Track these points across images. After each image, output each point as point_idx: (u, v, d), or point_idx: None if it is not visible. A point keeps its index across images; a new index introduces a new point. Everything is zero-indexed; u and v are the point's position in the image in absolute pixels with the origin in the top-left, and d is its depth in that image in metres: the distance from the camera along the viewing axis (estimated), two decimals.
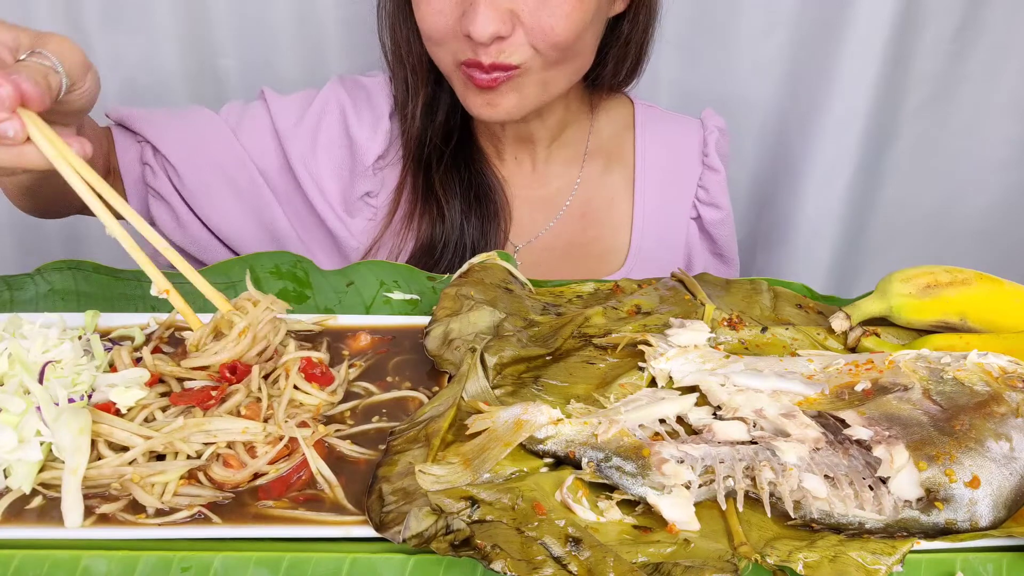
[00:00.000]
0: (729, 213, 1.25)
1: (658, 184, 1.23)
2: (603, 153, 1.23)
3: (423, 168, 1.14)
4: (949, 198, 1.70)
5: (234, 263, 0.91)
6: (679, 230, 1.24)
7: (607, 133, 1.24)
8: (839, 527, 0.61)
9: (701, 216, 1.24)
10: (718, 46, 1.55)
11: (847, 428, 0.66)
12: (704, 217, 1.23)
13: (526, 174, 1.21)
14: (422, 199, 1.14)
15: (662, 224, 1.23)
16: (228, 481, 0.65)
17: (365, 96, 1.16)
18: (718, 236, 1.25)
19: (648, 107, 1.27)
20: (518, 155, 1.20)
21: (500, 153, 1.20)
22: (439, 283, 0.89)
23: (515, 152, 1.20)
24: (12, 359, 0.71)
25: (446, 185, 1.13)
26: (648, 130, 1.24)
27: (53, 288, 0.87)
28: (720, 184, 1.24)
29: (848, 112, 1.54)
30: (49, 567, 0.60)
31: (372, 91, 1.16)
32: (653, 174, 1.23)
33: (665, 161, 1.24)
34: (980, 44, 1.54)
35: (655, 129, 1.25)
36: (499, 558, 0.56)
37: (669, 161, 1.24)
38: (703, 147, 1.24)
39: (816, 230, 1.67)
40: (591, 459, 0.65)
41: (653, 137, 1.24)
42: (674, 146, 1.24)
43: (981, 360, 0.70)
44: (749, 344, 0.79)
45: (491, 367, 0.75)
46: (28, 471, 0.65)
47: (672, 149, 1.24)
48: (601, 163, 1.23)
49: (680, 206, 1.23)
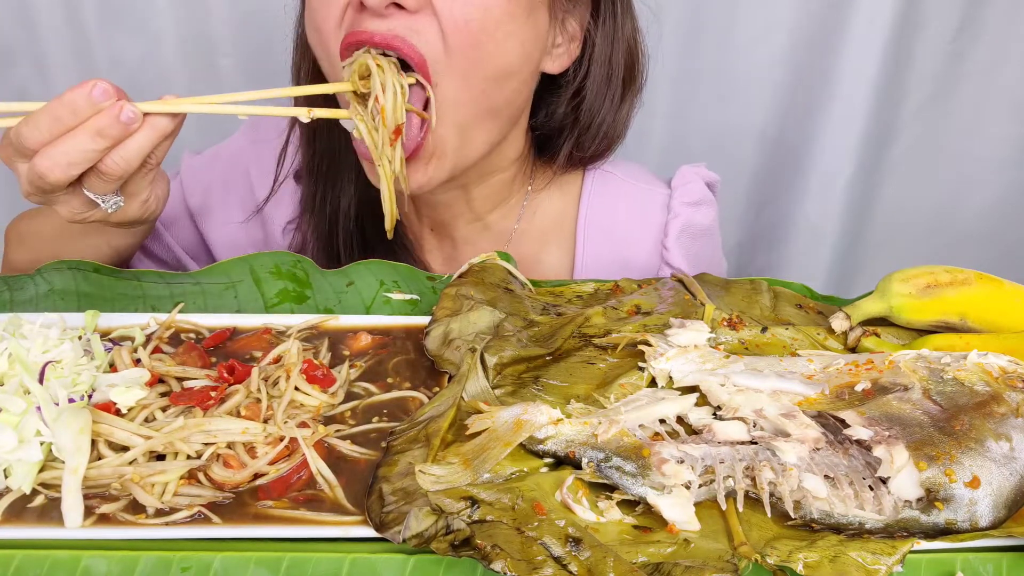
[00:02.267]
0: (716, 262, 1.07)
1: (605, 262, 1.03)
2: (539, 233, 1.04)
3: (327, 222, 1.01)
4: (949, 198, 1.70)
5: (234, 263, 0.90)
6: None
7: (542, 209, 1.05)
8: (839, 527, 0.61)
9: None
10: (718, 46, 1.56)
11: (847, 428, 0.66)
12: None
13: (445, 250, 1.06)
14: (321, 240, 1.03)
15: None
16: (228, 481, 0.65)
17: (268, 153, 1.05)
18: None
19: (602, 175, 1.05)
20: (435, 228, 1.05)
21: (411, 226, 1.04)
22: (439, 283, 0.89)
23: (431, 225, 1.05)
24: (12, 359, 0.71)
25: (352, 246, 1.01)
26: (595, 207, 1.04)
27: (53, 288, 0.87)
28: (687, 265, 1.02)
29: (848, 112, 1.55)
30: (49, 567, 0.59)
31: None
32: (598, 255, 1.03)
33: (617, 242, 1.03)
34: (980, 44, 1.54)
35: (606, 205, 1.04)
36: (499, 558, 0.56)
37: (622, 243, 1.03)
38: (662, 236, 1.03)
39: (816, 230, 1.67)
40: (591, 459, 0.65)
41: (600, 216, 1.03)
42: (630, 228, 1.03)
43: (981, 360, 0.70)
44: (749, 344, 0.79)
45: (491, 367, 0.75)
46: (28, 471, 0.65)
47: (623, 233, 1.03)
48: (535, 244, 1.05)
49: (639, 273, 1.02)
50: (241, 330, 0.82)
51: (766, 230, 1.73)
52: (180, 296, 0.87)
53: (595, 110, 0.97)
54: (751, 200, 1.71)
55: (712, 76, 1.58)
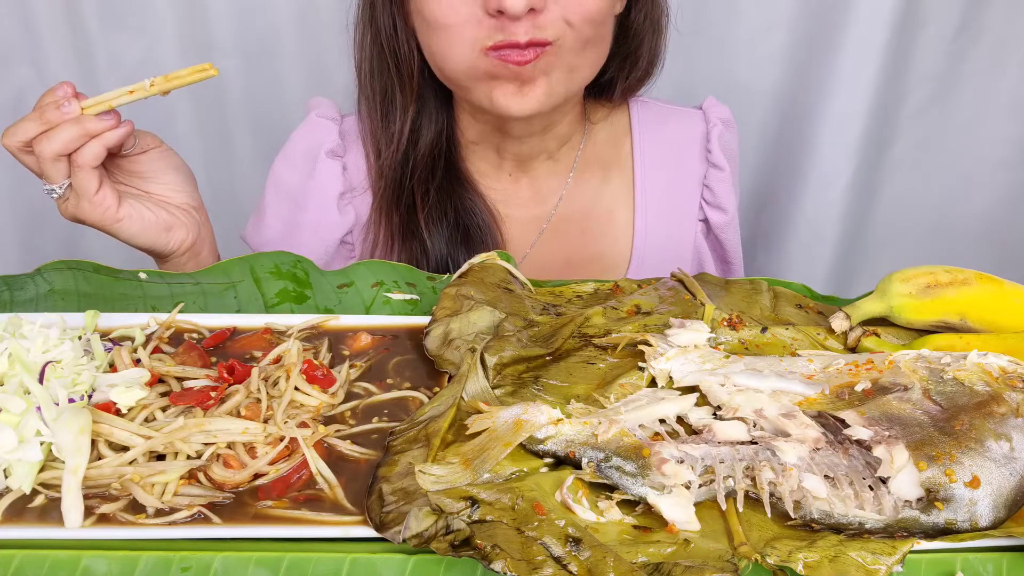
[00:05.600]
0: (734, 216, 1.20)
1: (660, 189, 1.18)
2: (599, 163, 1.18)
3: (404, 208, 1.09)
4: (949, 198, 1.70)
5: (234, 263, 0.91)
6: (686, 236, 1.18)
7: (603, 141, 1.18)
8: (839, 527, 0.61)
9: (708, 219, 1.19)
10: (718, 46, 1.56)
11: (847, 428, 0.66)
12: (710, 220, 1.19)
13: (522, 192, 1.16)
14: (400, 237, 1.10)
15: (666, 231, 1.17)
16: (228, 481, 0.65)
17: None
18: (724, 240, 1.19)
19: (644, 104, 1.20)
20: (513, 172, 1.15)
21: (497, 172, 1.15)
22: (439, 283, 0.89)
23: (511, 170, 1.15)
24: (12, 359, 0.71)
25: (432, 226, 1.08)
26: (646, 131, 1.19)
27: (53, 288, 0.87)
28: (725, 183, 1.18)
29: (848, 112, 1.55)
30: (49, 567, 0.60)
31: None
32: (654, 179, 1.17)
33: (666, 163, 1.18)
34: (980, 44, 1.54)
35: (652, 129, 1.19)
36: (499, 558, 0.56)
37: (670, 162, 1.18)
38: (706, 143, 1.18)
39: (816, 230, 1.67)
40: (591, 459, 0.65)
41: (651, 138, 1.18)
42: (674, 145, 1.18)
43: (981, 360, 0.70)
44: (749, 344, 0.79)
45: (491, 367, 0.75)
46: (28, 471, 0.65)
47: (672, 148, 1.18)
48: (598, 174, 1.18)
49: (685, 210, 1.18)
50: (241, 330, 0.82)
51: (766, 230, 1.73)
52: (180, 296, 0.87)
53: (640, 37, 1.09)
54: (751, 200, 1.71)
55: (712, 76, 1.58)
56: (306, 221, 1.14)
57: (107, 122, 0.87)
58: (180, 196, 0.98)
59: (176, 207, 0.98)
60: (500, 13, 0.91)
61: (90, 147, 0.87)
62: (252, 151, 1.64)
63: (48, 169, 0.88)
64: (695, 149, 1.19)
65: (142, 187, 0.96)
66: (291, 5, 1.49)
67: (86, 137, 0.87)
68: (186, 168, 0.99)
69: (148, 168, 0.95)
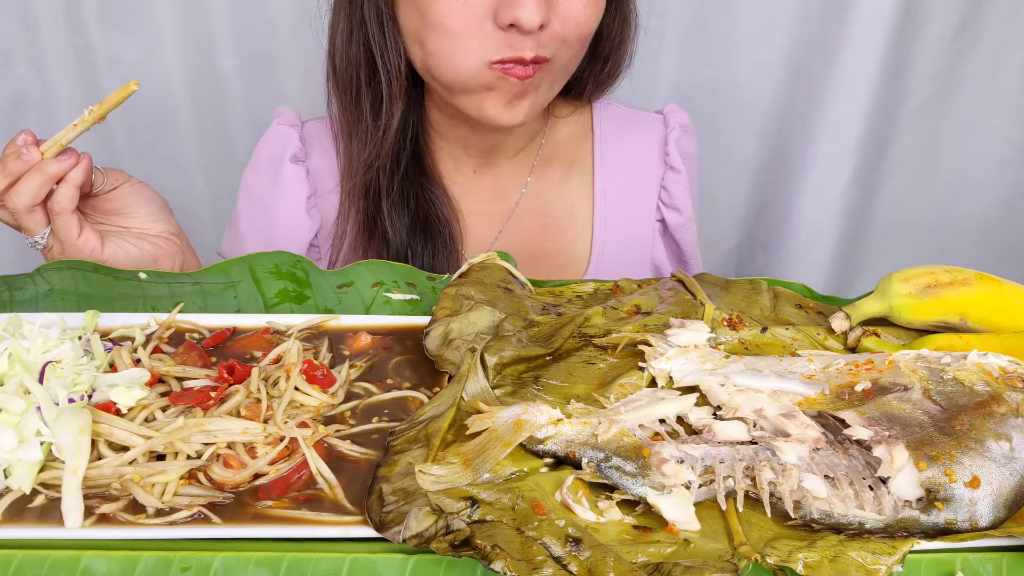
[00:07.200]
0: (691, 217, 1.21)
1: (619, 188, 1.19)
2: (561, 161, 1.18)
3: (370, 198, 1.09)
4: (949, 198, 1.70)
5: (234, 263, 0.91)
6: (644, 234, 1.20)
7: (565, 140, 1.19)
8: (839, 527, 0.61)
9: (665, 219, 1.21)
10: (717, 46, 1.56)
11: (847, 428, 0.66)
12: (667, 220, 1.20)
13: (484, 188, 1.16)
14: (365, 228, 1.10)
15: (625, 230, 1.19)
16: (228, 481, 0.65)
17: None
18: (680, 240, 1.21)
19: (607, 105, 1.21)
20: (477, 169, 1.15)
21: (460, 167, 1.15)
22: (439, 283, 0.89)
23: (475, 166, 1.15)
24: (12, 359, 0.71)
25: (394, 215, 1.08)
26: (607, 132, 1.20)
27: (53, 288, 0.87)
28: (681, 185, 1.19)
29: (848, 112, 1.55)
30: (49, 567, 0.60)
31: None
32: (614, 178, 1.19)
33: (625, 164, 1.19)
34: (980, 44, 1.54)
35: (614, 130, 1.20)
36: (499, 558, 0.56)
37: (629, 163, 1.20)
38: (664, 146, 1.20)
39: (816, 230, 1.67)
40: (591, 459, 0.65)
41: (612, 139, 1.20)
42: (634, 146, 1.20)
43: (981, 360, 0.70)
44: (749, 344, 0.79)
45: (491, 367, 0.75)
46: (28, 471, 0.65)
47: (632, 150, 1.20)
48: (560, 172, 1.18)
49: (643, 210, 1.20)
50: (241, 330, 0.82)
51: (766, 230, 1.73)
52: (180, 296, 0.87)
53: (613, 40, 1.09)
54: (751, 200, 1.71)
55: (712, 76, 1.58)
56: (277, 227, 1.15)
57: (66, 162, 0.88)
58: (158, 225, 0.99)
59: (156, 236, 0.99)
60: (511, 27, 0.90)
61: (62, 191, 0.89)
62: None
63: (25, 222, 0.90)
64: (654, 152, 1.21)
65: (120, 223, 0.97)
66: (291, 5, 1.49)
67: (51, 181, 0.88)
68: (159, 198, 1.00)
69: (122, 204, 0.97)
